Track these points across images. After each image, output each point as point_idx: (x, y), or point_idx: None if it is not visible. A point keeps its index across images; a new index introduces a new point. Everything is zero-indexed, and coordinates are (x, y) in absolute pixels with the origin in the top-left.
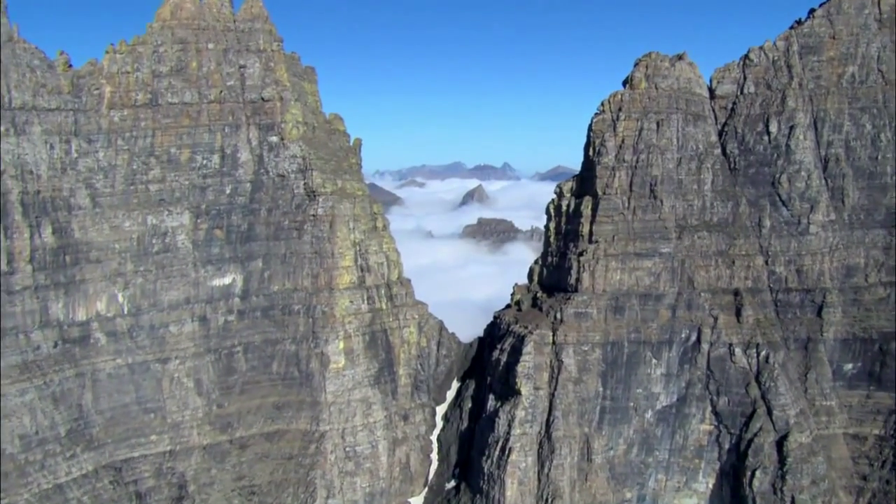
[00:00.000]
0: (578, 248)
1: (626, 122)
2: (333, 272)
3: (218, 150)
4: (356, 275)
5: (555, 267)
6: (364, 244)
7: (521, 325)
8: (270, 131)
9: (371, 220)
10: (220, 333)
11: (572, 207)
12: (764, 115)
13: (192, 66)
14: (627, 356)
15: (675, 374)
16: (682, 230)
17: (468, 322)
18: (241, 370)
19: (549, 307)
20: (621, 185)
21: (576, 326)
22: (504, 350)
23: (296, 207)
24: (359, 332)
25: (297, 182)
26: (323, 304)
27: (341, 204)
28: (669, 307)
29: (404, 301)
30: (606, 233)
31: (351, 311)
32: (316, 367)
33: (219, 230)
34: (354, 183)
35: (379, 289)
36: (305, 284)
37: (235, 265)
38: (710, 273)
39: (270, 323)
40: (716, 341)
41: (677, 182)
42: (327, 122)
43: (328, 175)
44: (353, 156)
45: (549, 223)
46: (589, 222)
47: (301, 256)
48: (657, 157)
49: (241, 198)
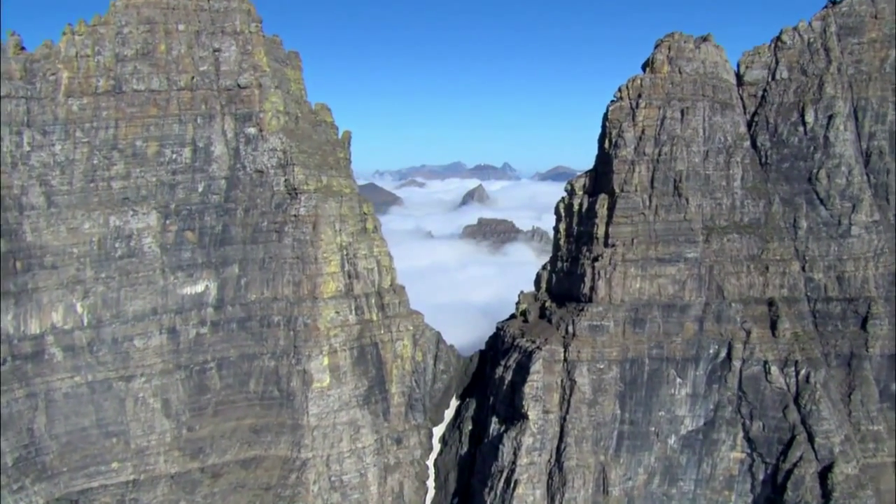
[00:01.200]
0: (593, 253)
1: (647, 109)
2: (317, 279)
3: (189, 142)
4: (343, 282)
5: (565, 273)
6: (352, 248)
7: (527, 339)
8: (248, 122)
9: (360, 221)
10: (190, 348)
11: (585, 207)
12: (799, 104)
13: (161, 50)
14: (648, 375)
15: (702, 394)
16: (709, 232)
17: (468, 326)
18: (214, 389)
19: (560, 319)
20: (641, 182)
21: (590, 341)
22: (509, 367)
23: (276, 207)
24: (346, 346)
25: (278, 178)
26: (305, 315)
27: (326, 203)
28: (696, 319)
29: (397, 311)
30: (624, 235)
31: (337, 323)
32: (298, 385)
33: (190, 232)
34: (342, 179)
35: (369, 298)
36: (286, 293)
37: (208, 271)
38: (741, 281)
39: (247, 336)
40: (749, 358)
41: (704, 178)
42: (312, 113)
43: (312, 171)
44: (341, 150)
45: (558, 224)
46: (604, 223)
47: (281, 262)
48: (682, 149)
49: (214, 196)
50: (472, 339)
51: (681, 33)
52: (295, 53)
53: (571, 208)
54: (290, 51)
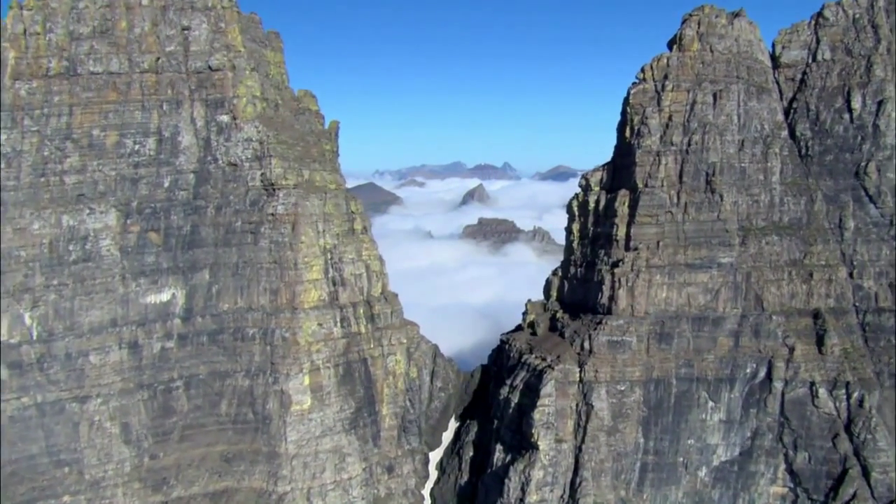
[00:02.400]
0: (611, 257)
1: (675, 93)
2: (297, 287)
3: (153, 132)
4: (326, 290)
5: (580, 280)
6: (337, 251)
7: (537, 356)
8: (220, 109)
9: (347, 221)
10: (154, 364)
11: (603, 204)
12: (844, 88)
13: (121, 27)
14: (676, 398)
15: (737, 420)
16: (745, 234)
17: (467, 329)
18: (180, 411)
19: (574, 333)
20: (668, 176)
21: (609, 359)
22: (515, 388)
23: (251, 204)
24: (329, 362)
25: (253, 172)
26: (284, 327)
27: (307, 200)
28: (731, 334)
29: (389, 322)
30: (649, 237)
31: (319, 337)
32: (275, 408)
33: (154, 233)
34: (326, 174)
35: (356, 307)
36: (262, 302)
37: (175, 278)
38: (782, 289)
39: (219, 351)
40: (792, 378)
41: (739, 171)
42: (294, 100)
43: (291, 164)
44: (327, 141)
45: (571, 224)
46: (626, 223)
47: (257, 267)
48: (714, 138)
49: (182, 192)
50: (472, 343)
51: (711, 6)
52: (275, 34)
53: (586, 206)
54: (269, 31)
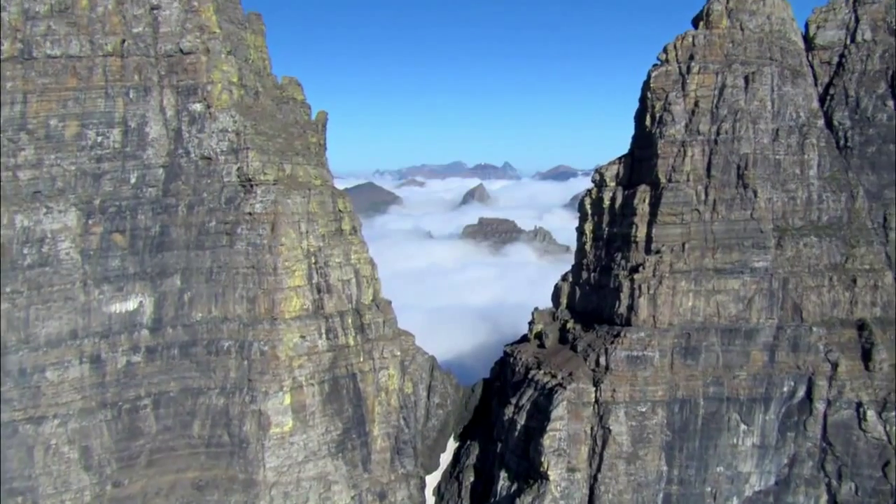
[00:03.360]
0: (630, 261)
1: (702, 76)
2: (276, 295)
3: (118, 122)
4: (310, 298)
5: (593, 287)
6: (323, 254)
7: (546, 372)
8: (192, 96)
9: (334, 221)
10: (119, 381)
11: (619, 202)
12: (887, 72)
13: (82, 5)
14: (704, 420)
15: (773, 445)
16: (781, 234)
17: (466, 331)
18: (148, 433)
19: (588, 346)
20: (695, 169)
21: (628, 377)
22: (521, 408)
23: (226, 202)
24: (314, 379)
25: (229, 166)
26: (262, 340)
27: (288, 197)
28: (766, 347)
29: (381, 332)
30: (673, 238)
31: (302, 351)
32: (252, 430)
33: (119, 235)
34: (311, 168)
35: (344, 317)
36: (238, 312)
37: (142, 284)
38: (822, 297)
39: (191, 366)
40: (836, 399)
41: (774, 164)
42: (278, 88)
43: (271, 157)
44: (313, 133)
45: (583, 224)
46: (646, 223)
47: (233, 272)
48: (747, 126)
49: (150, 189)
50: (472, 346)
51: None
52: (256, 15)
53: (600, 204)
54: (249, 12)
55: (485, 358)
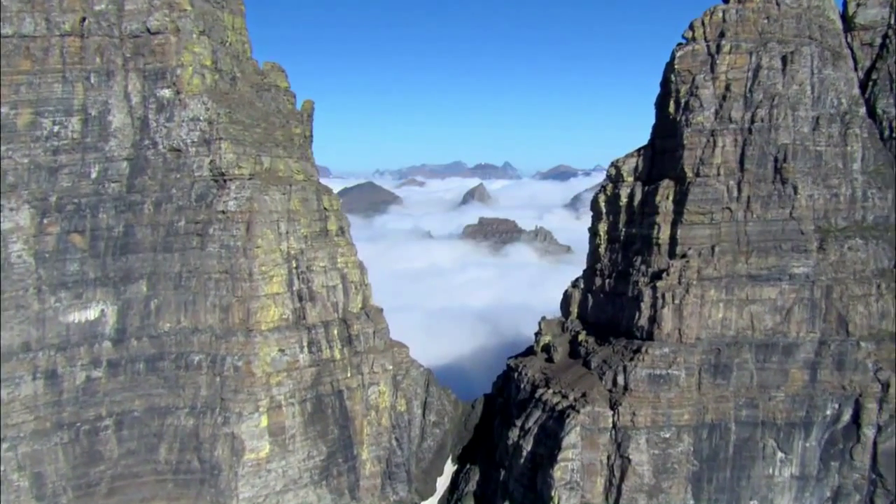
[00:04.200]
0: (652, 266)
1: (734, 55)
2: (252, 303)
3: (77, 110)
4: (290, 307)
5: (608, 295)
6: (305, 257)
7: (555, 392)
8: (160, 81)
9: (318, 220)
10: (78, 399)
11: (639, 199)
12: None
13: None
14: (736, 447)
15: (814, 476)
16: (823, 236)
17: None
18: (109, 458)
19: (603, 363)
20: (726, 162)
21: (650, 398)
22: (528, 431)
23: (197, 200)
24: (294, 398)
25: (200, 159)
26: (236, 354)
27: (266, 194)
28: (806, 365)
29: (371, 344)
30: (701, 241)
31: (281, 366)
32: (224, 455)
33: (78, 235)
34: (293, 162)
35: (329, 327)
36: (210, 322)
37: (104, 291)
38: (870, 308)
39: (158, 382)
40: (887, 424)
41: (815, 156)
42: (259, 74)
43: (247, 148)
44: (297, 123)
45: (596, 225)
46: (670, 223)
47: (204, 277)
48: (785, 113)
49: (113, 185)
50: (471, 349)
51: None
52: None
53: (617, 201)
54: None
55: (484, 362)
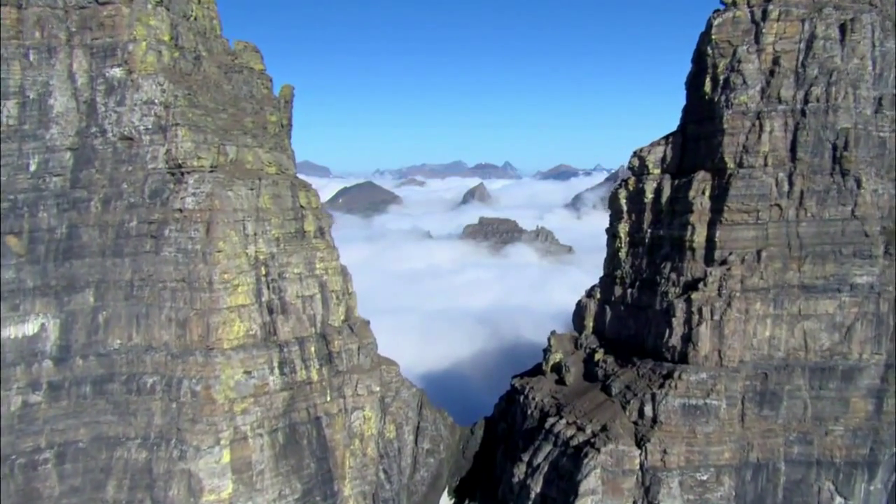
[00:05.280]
0: (684, 274)
1: (783, 23)
2: (212, 317)
3: (14, 92)
4: (258, 321)
5: (630, 307)
6: (277, 263)
7: (569, 422)
8: (110, 59)
9: (294, 220)
10: (13, 427)
11: (667, 194)
12: None
13: None
14: (786, 490)
15: None
16: (891, 239)
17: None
18: (49, 495)
19: (627, 389)
20: (774, 150)
21: (685, 433)
22: (537, 469)
23: (151, 196)
24: (262, 428)
25: (155, 149)
26: (194, 376)
27: (230, 189)
28: (871, 393)
29: (355, 362)
30: (744, 244)
31: (246, 391)
32: (180, 495)
33: (14, 238)
34: (263, 153)
35: (305, 344)
36: (165, 339)
37: (45, 302)
38: None
39: (107, 407)
40: None
41: (878, 144)
42: (229, 54)
43: (209, 136)
44: (272, 110)
45: (616, 225)
46: (706, 223)
47: (159, 286)
48: (846, 92)
49: (55, 179)
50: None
51: None
52: None
53: (641, 197)
54: None
55: (483, 366)
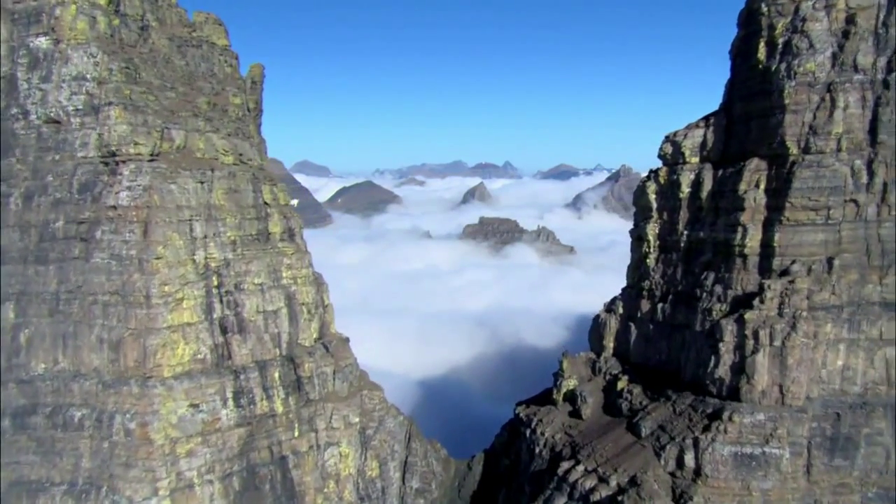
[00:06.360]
0: (733, 288)
1: None
2: (150, 338)
3: None
4: (208, 342)
5: (662, 326)
6: (232, 272)
7: (587, 468)
8: (35, 26)
9: (255, 219)
10: None
11: (709, 188)
12: None
13: None
14: None
15: None
16: None
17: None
18: None
19: (661, 430)
20: (850, 132)
21: (737, 489)
22: None
23: (80, 191)
24: (213, 473)
25: (85, 134)
26: (128, 410)
27: (174, 181)
28: None
29: (330, 388)
30: (812, 250)
31: (192, 429)
32: None
33: None
34: (219, 139)
35: (266, 370)
36: (96, 363)
37: None
38: None
39: (28, 445)
40: None
41: None
42: (186, 26)
43: (150, 118)
44: (237, 92)
45: (644, 226)
46: (761, 223)
47: (89, 300)
48: None
49: None
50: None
51: None
52: None
53: (674, 192)
54: None
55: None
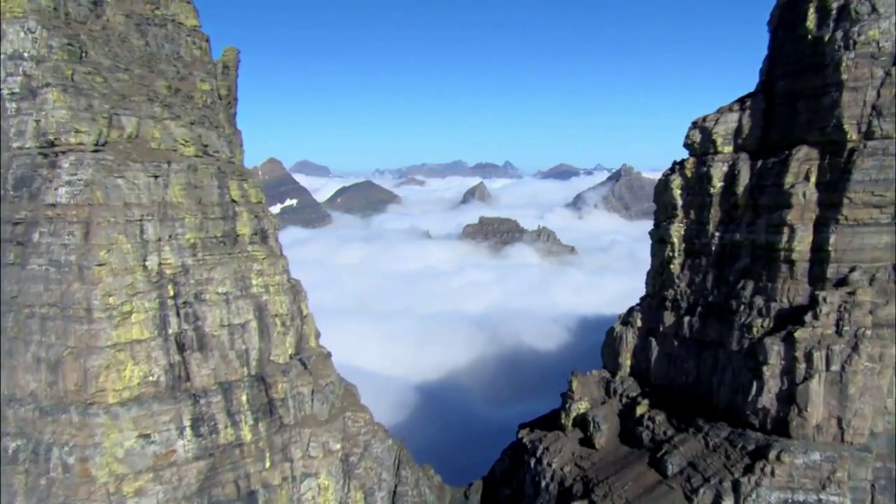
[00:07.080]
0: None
1: None
2: (91, 358)
3: None
4: (162, 362)
5: (689, 343)
6: (192, 280)
7: None
8: None
9: (220, 219)
10: None
11: (746, 181)
12: None
13: None
14: None
15: None
16: None
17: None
18: None
19: (691, 468)
20: None
21: None
22: None
23: (16, 187)
24: None
25: (22, 121)
26: (67, 442)
27: (120, 176)
28: None
29: (308, 411)
30: (874, 256)
31: (143, 463)
32: None
33: None
34: (177, 127)
35: (232, 392)
36: (32, 386)
37: None
38: None
39: None
40: None
41: None
42: (148, 3)
43: (95, 103)
44: (205, 77)
45: (669, 226)
46: (812, 223)
47: (25, 313)
48: None
49: None
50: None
51: None
52: None
53: (705, 186)
54: None
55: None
